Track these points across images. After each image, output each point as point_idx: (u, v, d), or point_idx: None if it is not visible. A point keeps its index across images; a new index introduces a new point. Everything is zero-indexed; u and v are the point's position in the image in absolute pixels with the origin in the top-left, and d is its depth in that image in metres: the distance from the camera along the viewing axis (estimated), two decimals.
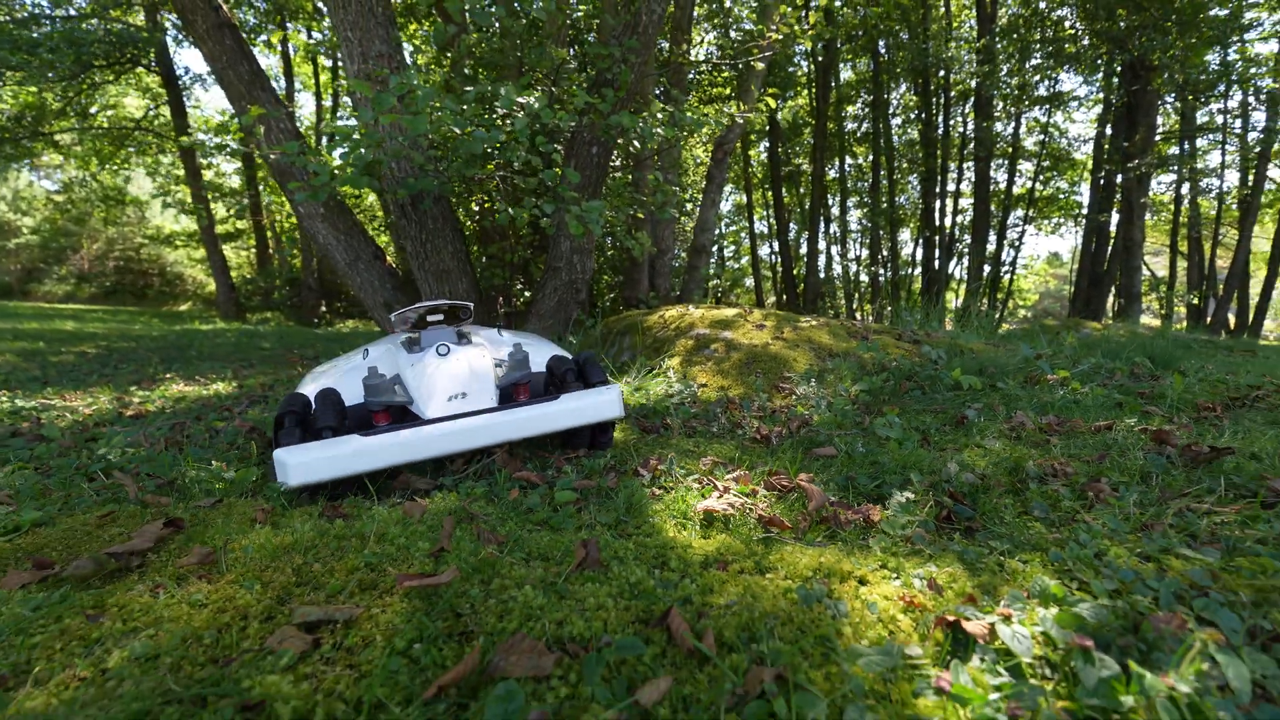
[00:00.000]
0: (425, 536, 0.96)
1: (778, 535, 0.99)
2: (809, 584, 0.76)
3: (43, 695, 0.57)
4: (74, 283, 17.17)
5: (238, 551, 0.90)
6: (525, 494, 1.22)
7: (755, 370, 2.56)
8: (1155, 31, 10.35)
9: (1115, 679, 0.54)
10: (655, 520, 1.05)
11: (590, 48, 4.18)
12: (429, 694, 0.56)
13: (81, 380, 4.12)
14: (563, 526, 1.04)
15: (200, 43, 4.96)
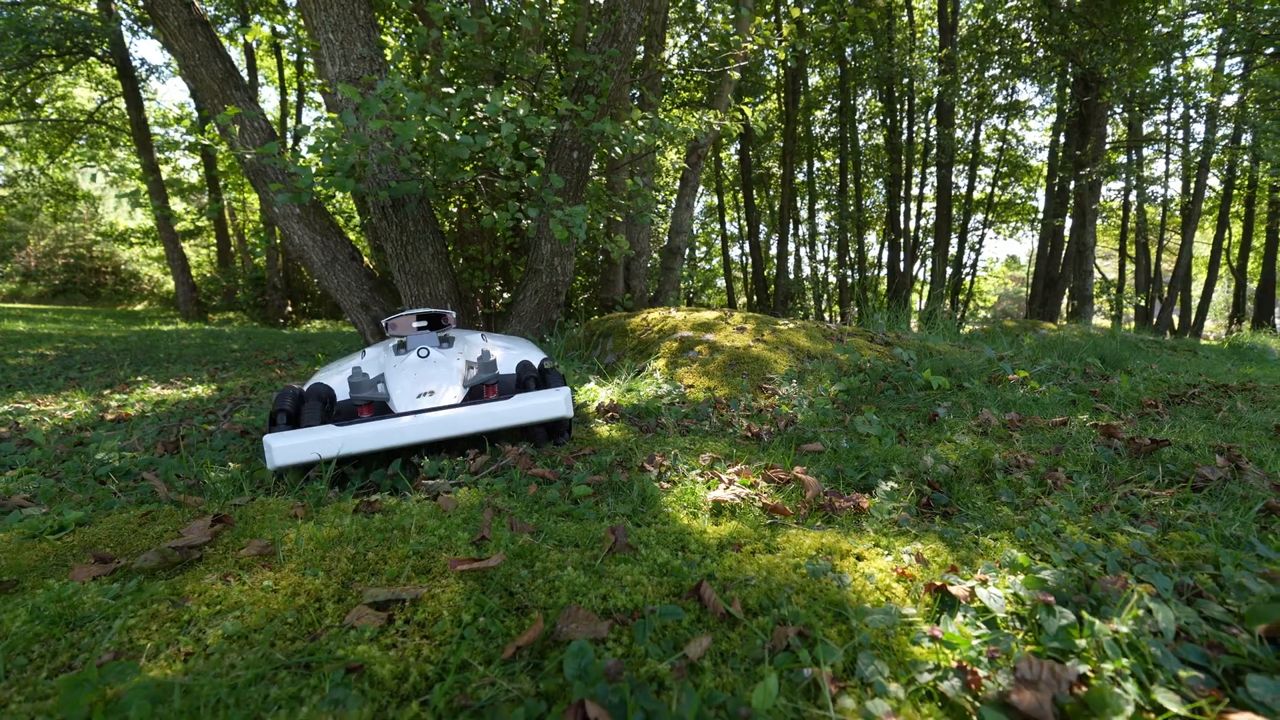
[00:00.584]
0: (462, 528, 1.04)
1: (781, 521, 1.10)
2: (815, 560, 0.88)
3: (159, 666, 0.65)
4: (19, 281, 16.38)
5: (290, 544, 0.97)
6: (543, 489, 1.31)
7: (739, 371, 2.69)
8: (1104, 46, 10.91)
9: (1071, 626, 0.67)
10: (669, 510, 1.15)
11: (571, 54, 4.26)
12: (507, 654, 0.65)
13: (48, 383, 4.02)
14: (585, 517, 1.13)
15: (172, 39, 4.87)
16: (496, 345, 2.33)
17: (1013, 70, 14.13)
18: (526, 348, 2.47)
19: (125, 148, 14.92)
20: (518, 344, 2.51)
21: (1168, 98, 14.50)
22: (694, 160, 8.50)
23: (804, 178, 19.20)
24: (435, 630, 0.72)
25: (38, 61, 11.91)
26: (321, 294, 16.07)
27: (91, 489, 1.51)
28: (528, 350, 2.41)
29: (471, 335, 2.32)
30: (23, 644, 0.71)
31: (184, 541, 0.97)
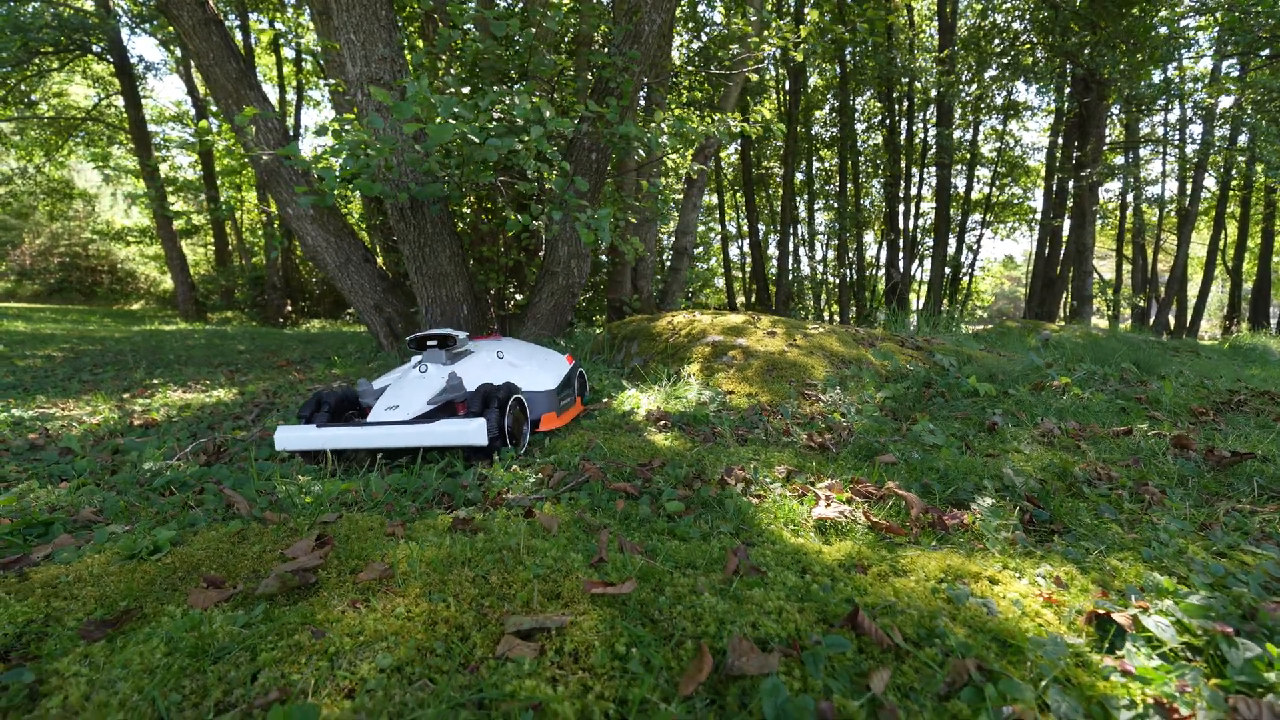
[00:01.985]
0: (570, 547, 1.02)
1: (892, 539, 1.09)
2: (951, 584, 0.87)
3: (328, 704, 0.63)
4: (14, 280, 16.18)
5: (403, 566, 0.95)
6: (631, 505, 1.30)
7: (778, 378, 2.68)
8: (1105, 47, 10.97)
9: (1258, 659, 0.66)
10: (772, 528, 1.14)
11: (592, 56, 4.24)
12: (686, 691, 0.64)
13: (63, 386, 3.96)
14: (689, 536, 1.12)
15: (186, 39, 4.82)
16: (514, 359, 2.34)
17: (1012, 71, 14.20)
18: (547, 359, 2.47)
19: (122, 145, 14.76)
20: (539, 356, 2.50)
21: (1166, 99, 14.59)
22: (702, 161, 8.48)
23: (803, 177, 19.22)
24: (593, 662, 0.70)
25: (35, 59, 11.75)
26: (320, 293, 15.97)
27: (158, 503, 1.48)
28: (547, 362, 2.41)
29: (486, 350, 2.34)
30: (171, 679, 0.69)
31: (296, 565, 0.94)
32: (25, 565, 1.07)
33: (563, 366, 2.45)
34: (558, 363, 2.47)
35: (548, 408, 2.14)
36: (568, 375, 2.41)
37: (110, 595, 0.91)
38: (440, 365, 2.12)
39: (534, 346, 2.73)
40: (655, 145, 3.91)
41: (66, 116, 13.94)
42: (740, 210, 21.82)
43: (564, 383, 2.33)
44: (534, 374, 2.24)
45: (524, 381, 2.17)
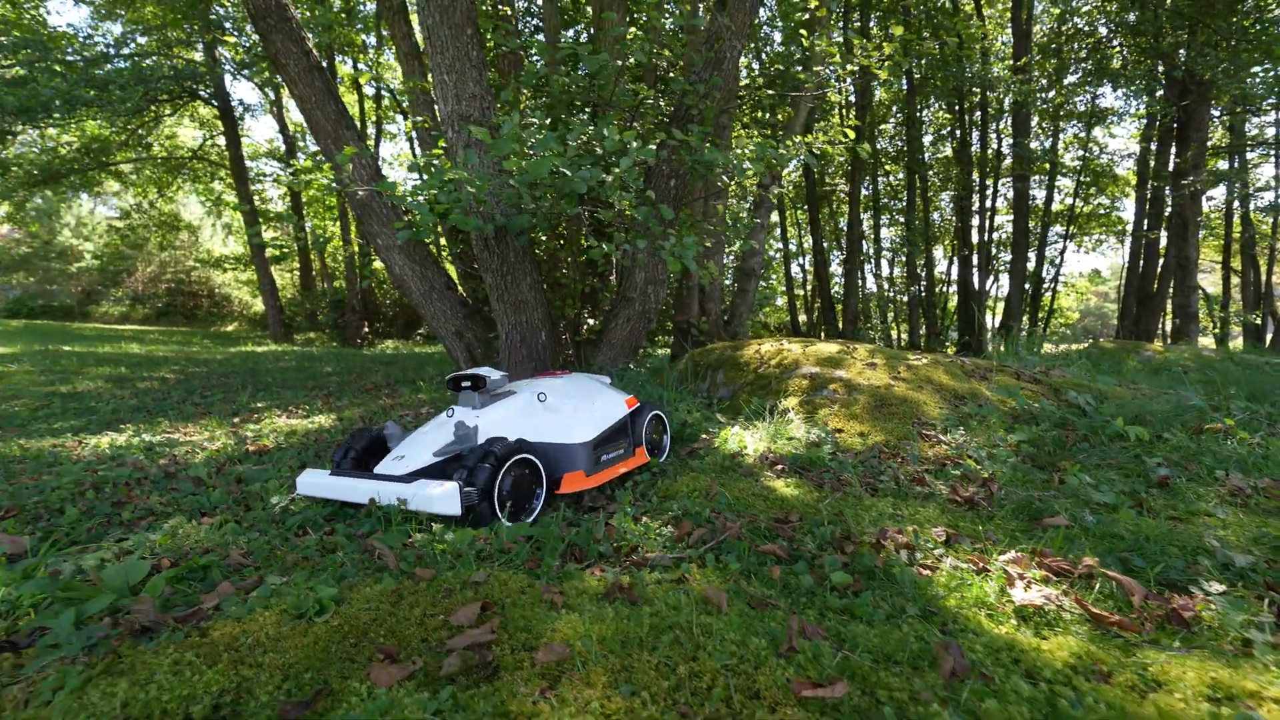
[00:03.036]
0: (749, 629, 0.95)
1: (1119, 634, 0.96)
2: (1232, 706, 0.74)
3: None
4: (129, 304, 17.80)
5: (579, 645, 0.90)
6: (789, 573, 1.21)
7: (888, 414, 2.53)
8: (1208, 47, 10.18)
9: None
10: (965, 613, 1.03)
11: (675, 84, 4.25)
12: None
13: (179, 409, 4.23)
14: (871, 617, 1.02)
15: (292, 85, 5.15)
16: (557, 402, 2.06)
17: (1096, 75, 13.39)
18: (595, 403, 2.12)
19: (222, 180, 16.04)
20: (590, 399, 2.15)
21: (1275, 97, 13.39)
22: (769, 182, 8.36)
23: (868, 192, 18.72)
24: None
25: (152, 106, 13.00)
26: (393, 315, 16.72)
27: (297, 546, 1.51)
28: (596, 407, 2.08)
29: (528, 392, 2.09)
30: None
31: (470, 640, 0.91)
32: (201, 620, 1.09)
33: (615, 412, 2.12)
34: (610, 408, 2.13)
35: (574, 465, 1.85)
36: (618, 424, 2.09)
37: (293, 665, 0.90)
38: (471, 410, 1.94)
39: (595, 386, 2.39)
40: (739, 171, 3.86)
41: (176, 156, 15.31)
42: (801, 228, 21.46)
43: (610, 433, 2.02)
44: (570, 423, 1.96)
45: (554, 432, 1.91)
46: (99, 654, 0.97)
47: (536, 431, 1.91)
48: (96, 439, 3.12)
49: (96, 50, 12.94)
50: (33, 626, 1.14)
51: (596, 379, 2.58)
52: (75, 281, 17.68)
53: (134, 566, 1.30)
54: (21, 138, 12.94)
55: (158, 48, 13.22)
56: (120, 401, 4.37)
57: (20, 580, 1.27)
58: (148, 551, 1.46)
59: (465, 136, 4.28)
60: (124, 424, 3.53)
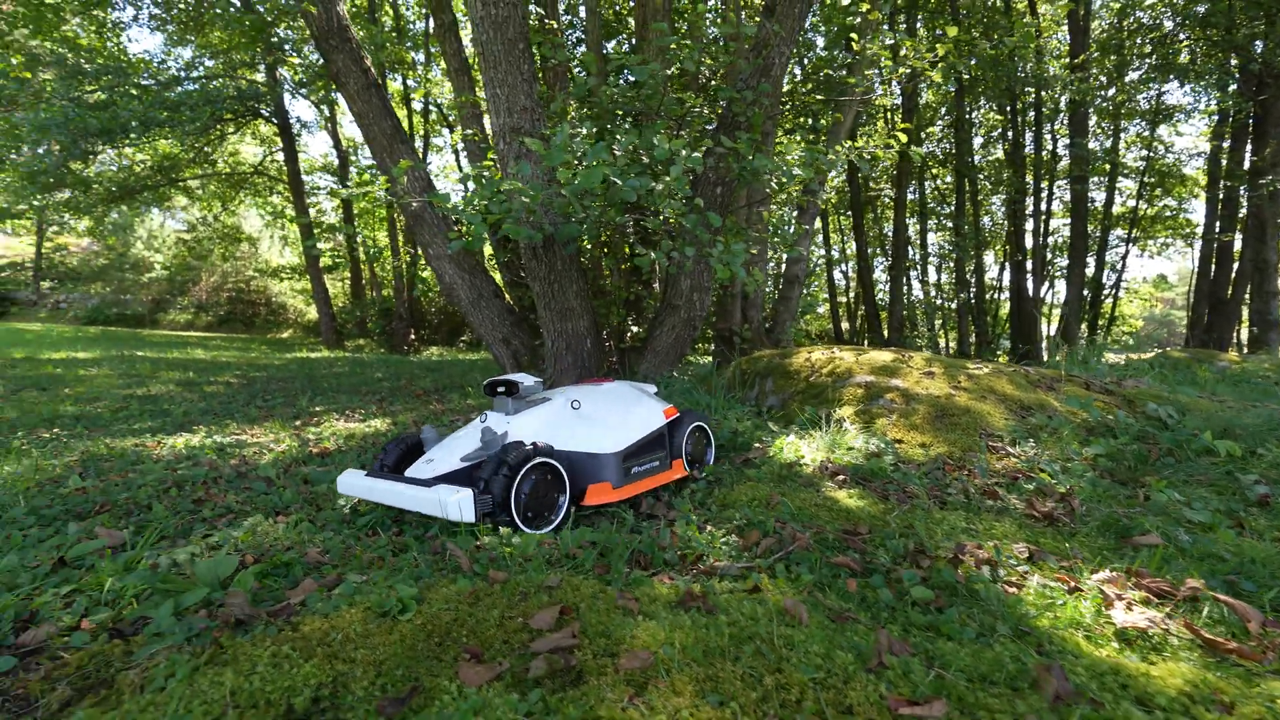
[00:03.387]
0: (832, 642, 0.93)
1: (1236, 662, 0.90)
2: None
3: None
4: (193, 312, 18.83)
5: (661, 653, 0.90)
6: (865, 587, 1.18)
7: (950, 425, 2.45)
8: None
9: None
10: (1061, 634, 0.98)
11: (722, 92, 4.25)
12: None
13: (244, 412, 4.43)
14: (958, 635, 0.99)
15: (351, 101, 5.38)
16: (591, 410, 2.02)
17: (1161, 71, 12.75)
18: (631, 413, 2.05)
19: (280, 194, 16.83)
20: (625, 408, 2.09)
21: None
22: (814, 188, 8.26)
23: (913, 197, 18.25)
24: None
25: (218, 125, 13.77)
26: (438, 323, 17.16)
27: (371, 546, 1.56)
28: (631, 417, 2.02)
29: (562, 399, 2.04)
30: None
31: (553, 644, 0.92)
32: (290, 614, 1.14)
33: (651, 423, 2.05)
34: (646, 418, 2.06)
35: (601, 476, 1.80)
36: (654, 435, 2.02)
37: (384, 662, 0.92)
38: (502, 416, 1.93)
39: (634, 394, 2.28)
40: (790, 177, 3.82)
41: (238, 172, 16.16)
42: (844, 234, 21.10)
43: (644, 444, 1.97)
44: (601, 432, 1.91)
45: (584, 441, 1.87)
46: (201, 644, 1.02)
47: (566, 439, 1.88)
48: (173, 439, 3.30)
49: (169, 74, 13.81)
50: (136, 615, 1.21)
51: (640, 388, 2.50)
52: (146, 291, 18.84)
53: (223, 561, 1.37)
54: (101, 157, 13.85)
55: (223, 70, 14.01)
56: (191, 404, 4.61)
57: (122, 572, 1.35)
58: (232, 548, 1.53)
59: (516, 148, 4.38)
60: (196, 425, 3.72)
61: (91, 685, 0.97)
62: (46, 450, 2.93)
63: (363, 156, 18.83)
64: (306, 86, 14.20)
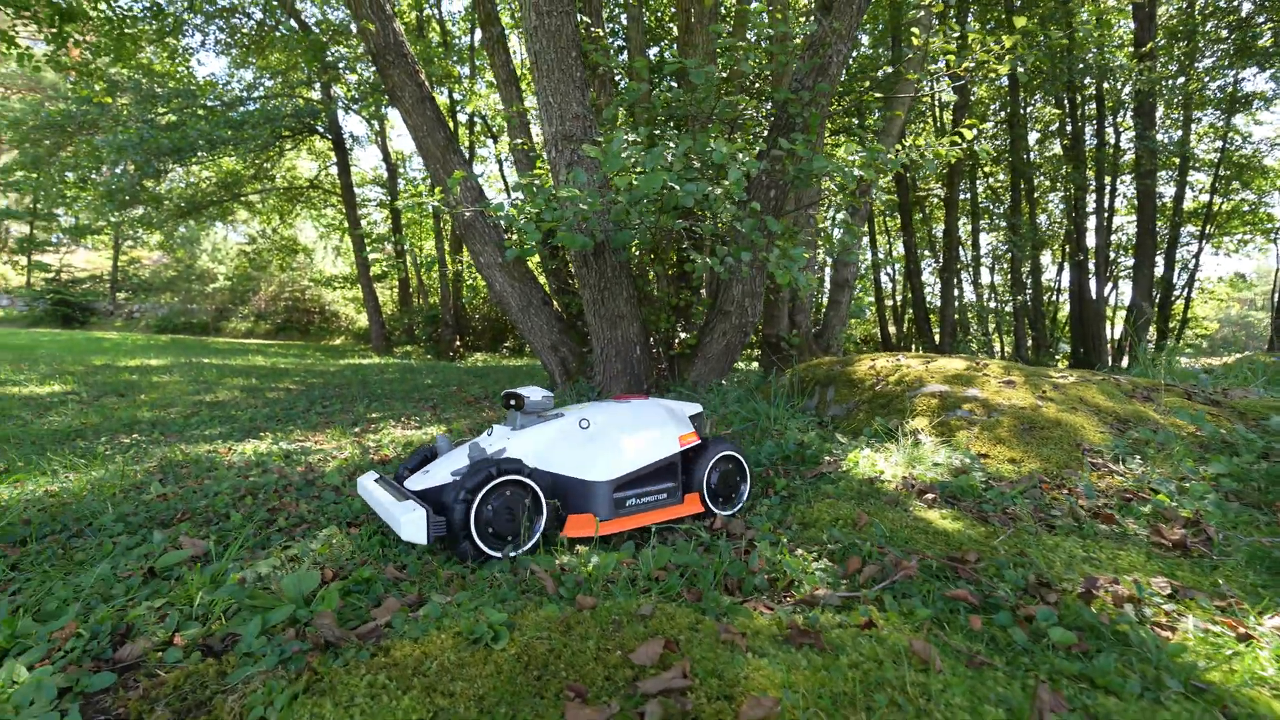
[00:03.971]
0: (974, 694, 0.83)
1: None
2: None
3: None
4: (253, 320, 19.72)
5: (784, 700, 0.82)
6: (991, 625, 1.07)
7: (1041, 439, 2.28)
8: None
9: None
10: (1244, 692, 0.86)
11: (777, 93, 4.14)
12: None
13: (305, 418, 4.55)
14: (1118, 688, 0.88)
15: (406, 115, 5.50)
16: (600, 430, 1.84)
17: (1238, 56, 11.94)
18: (642, 435, 1.86)
19: (334, 206, 17.47)
20: (639, 430, 1.88)
21: None
22: (864, 189, 8.02)
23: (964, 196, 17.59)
24: None
25: (278, 142, 14.40)
26: (481, 330, 17.47)
27: (447, 563, 1.53)
28: (640, 439, 1.83)
29: (573, 415, 1.91)
30: None
31: (663, 684, 0.85)
32: (379, 637, 1.11)
33: (659, 450, 1.84)
34: (655, 444, 1.85)
35: (586, 506, 1.69)
36: (660, 464, 1.82)
37: (484, 697, 0.87)
38: (508, 430, 1.84)
39: (656, 416, 1.99)
40: (849, 178, 3.69)
41: (295, 186, 16.87)
42: (891, 235, 20.53)
43: (646, 474, 1.80)
44: (598, 456, 1.77)
45: (576, 464, 1.73)
46: (295, 668, 1.00)
47: (562, 460, 1.75)
48: (242, 446, 3.40)
49: (233, 95, 14.53)
50: (225, 632, 1.20)
51: (671, 407, 2.13)
52: (210, 300, 19.86)
53: (306, 577, 1.35)
54: (171, 175, 14.67)
55: (282, 89, 14.66)
56: (255, 410, 4.76)
57: (210, 585, 1.35)
58: (311, 561, 1.53)
59: (569, 155, 4.38)
60: (262, 432, 3.83)
61: (189, 708, 0.96)
62: (128, 456, 3.05)
63: (410, 168, 19.41)
64: (359, 103, 14.71)
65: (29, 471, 2.64)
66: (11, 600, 1.35)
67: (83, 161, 14.02)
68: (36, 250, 22.87)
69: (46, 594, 1.39)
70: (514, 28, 10.30)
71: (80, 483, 2.42)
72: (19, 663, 1.06)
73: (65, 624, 1.20)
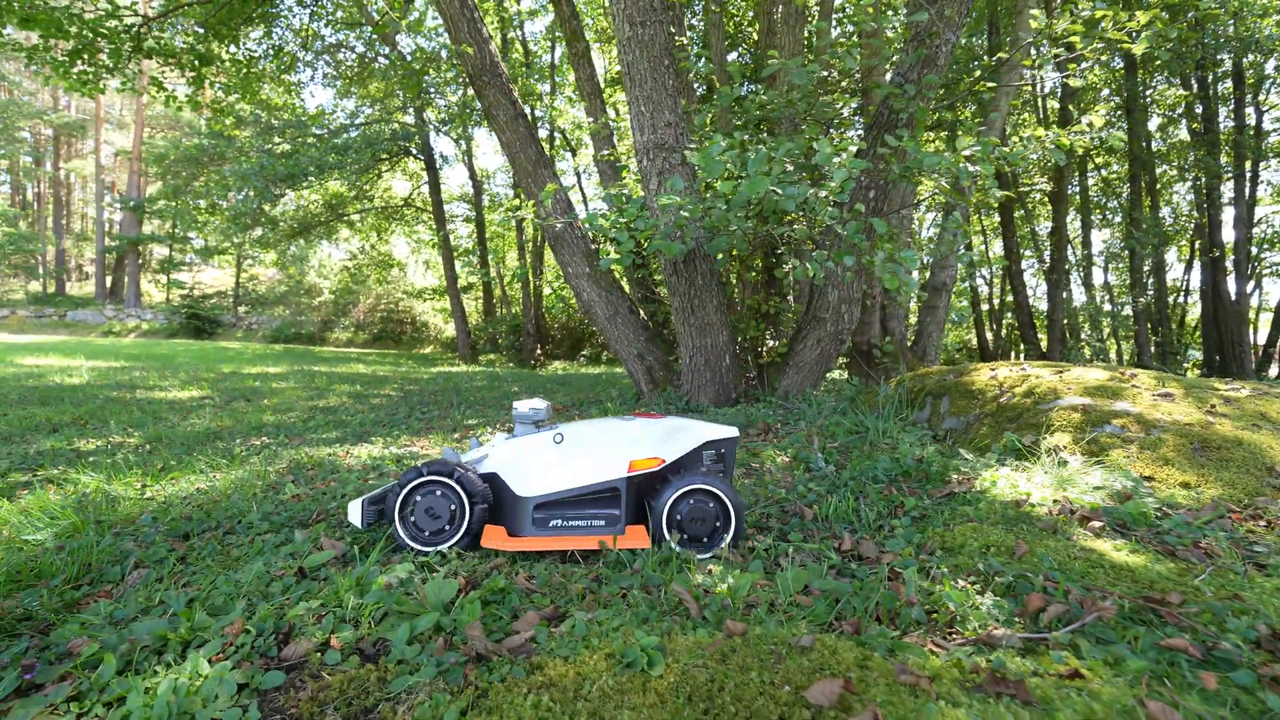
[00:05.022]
0: None
1: None
2: None
3: None
4: (353, 330, 21.22)
5: None
6: (1230, 686, 0.91)
7: (1219, 460, 1.99)
8: None
9: None
10: None
11: (879, 89, 3.94)
12: None
13: (407, 424, 4.76)
14: None
15: (500, 131, 5.70)
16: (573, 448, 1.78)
17: None
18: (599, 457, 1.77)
19: (425, 224, 18.51)
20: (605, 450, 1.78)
21: None
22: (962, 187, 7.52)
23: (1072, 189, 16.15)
24: None
25: (377, 164, 15.47)
26: (560, 338, 17.89)
27: (574, 576, 1.50)
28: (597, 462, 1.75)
29: (549, 432, 1.84)
30: None
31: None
32: (528, 653, 1.09)
33: (601, 474, 1.75)
34: (598, 468, 1.75)
35: (505, 520, 1.74)
36: (597, 490, 1.74)
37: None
38: (504, 438, 1.91)
39: (630, 435, 1.82)
40: (965, 174, 3.43)
41: (391, 205, 18.03)
42: (987, 234, 19.22)
43: (579, 498, 1.74)
44: (540, 472, 1.77)
45: (519, 477, 1.77)
46: (454, 681, 0.99)
47: (515, 472, 1.79)
48: (357, 449, 3.59)
49: (338, 124, 15.75)
50: (376, 637, 1.23)
51: (679, 429, 1.86)
52: (316, 313, 21.59)
53: (445, 585, 1.37)
54: (284, 198, 16.07)
55: (380, 115, 15.73)
56: (364, 416, 5.04)
57: (356, 588, 1.40)
58: (450, 572, 1.55)
59: (660, 163, 4.37)
60: (373, 437, 4.04)
61: (356, 713, 0.97)
62: (262, 457, 3.30)
63: (494, 184, 20.27)
64: (447, 124, 15.51)
65: (181, 470, 2.91)
66: (184, 592, 1.46)
67: (213, 190, 15.66)
68: (174, 270, 25.79)
69: (213, 588, 1.49)
70: (597, 42, 10.54)
71: (225, 481, 2.63)
72: (201, 656, 1.12)
73: (234, 620, 1.28)
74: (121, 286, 24.24)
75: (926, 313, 8.26)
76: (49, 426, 4.17)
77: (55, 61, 7.39)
